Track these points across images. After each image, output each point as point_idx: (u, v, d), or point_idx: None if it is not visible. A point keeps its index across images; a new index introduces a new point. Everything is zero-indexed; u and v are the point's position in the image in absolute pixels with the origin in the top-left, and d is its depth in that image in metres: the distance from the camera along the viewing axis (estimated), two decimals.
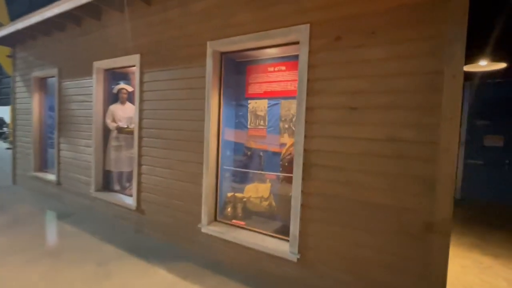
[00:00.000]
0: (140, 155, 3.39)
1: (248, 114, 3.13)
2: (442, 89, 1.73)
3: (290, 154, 2.57)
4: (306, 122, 2.20)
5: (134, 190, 3.44)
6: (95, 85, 3.92)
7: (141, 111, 3.36)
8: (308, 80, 2.19)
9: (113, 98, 4.10)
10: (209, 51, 2.74)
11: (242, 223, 2.83)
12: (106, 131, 4.03)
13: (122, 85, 4.09)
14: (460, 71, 1.68)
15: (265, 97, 3.01)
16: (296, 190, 2.26)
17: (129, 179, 4.06)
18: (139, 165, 3.40)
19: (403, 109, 1.85)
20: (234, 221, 2.88)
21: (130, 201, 3.55)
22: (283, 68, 2.88)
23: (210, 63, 2.74)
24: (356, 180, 2.02)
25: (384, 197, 1.92)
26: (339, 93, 2.07)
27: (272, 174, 2.99)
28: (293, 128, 2.76)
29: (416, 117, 1.81)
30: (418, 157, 1.81)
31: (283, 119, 2.92)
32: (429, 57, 1.77)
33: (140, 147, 3.38)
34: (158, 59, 3.17)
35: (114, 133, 3.99)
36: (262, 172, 3.03)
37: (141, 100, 3.36)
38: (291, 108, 2.85)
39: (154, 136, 3.25)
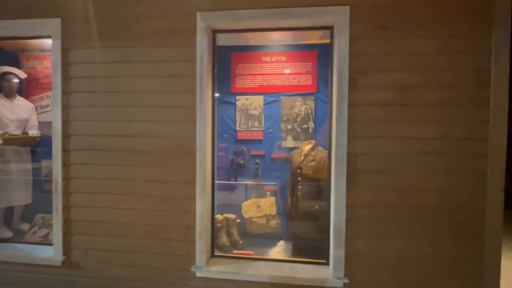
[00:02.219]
0: (65, 179, 2.15)
1: (237, 113, 2.50)
2: (489, 86, 1.78)
3: (313, 160, 2.17)
4: (349, 121, 1.87)
5: (55, 234, 2.16)
6: None
7: (65, 108, 2.13)
8: (350, 72, 1.86)
9: None
10: (200, 25, 1.98)
11: (249, 252, 2.20)
12: None
13: (6, 67, 2.54)
14: (506, 69, 1.76)
15: (260, 92, 2.48)
16: (338, 203, 1.89)
17: (32, 217, 2.57)
18: (65, 194, 2.15)
19: (454, 106, 1.81)
20: (235, 251, 2.21)
21: (48, 252, 2.21)
22: (283, 58, 2.44)
23: (203, 43, 1.99)
24: (407, 183, 1.85)
25: (439, 198, 1.83)
26: (386, 88, 1.85)
27: (272, 185, 2.49)
28: (298, 130, 2.38)
29: (467, 114, 1.80)
30: (470, 154, 1.80)
31: (284, 119, 2.47)
32: (478, 55, 1.78)
33: (65, 165, 2.14)
34: (102, 30, 2.08)
35: None
36: (263, 183, 2.48)
37: (66, 92, 2.13)
38: (294, 106, 2.44)
39: (95, 148, 2.12)
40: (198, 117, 2.00)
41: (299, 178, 2.21)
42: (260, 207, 2.37)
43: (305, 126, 2.43)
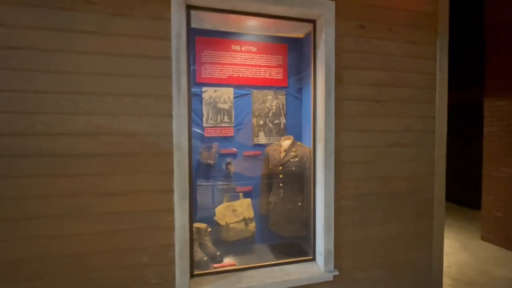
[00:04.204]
0: None
1: (204, 106, 2.18)
2: (435, 88, 2.14)
3: (296, 156, 2.09)
4: (336, 115, 1.90)
5: None
6: None
7: None
8: (336, 67, 1.89)
9: None
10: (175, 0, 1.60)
11: (231, 263, 1.95)
12: None
13: None
14: (446, 75, 2.15)
15: (229, 84, 2.23)
16: (328, 196, 1.89)
17: None
18: None
19: (415, 103, 2.09)
20: (215, 265, 1.92)
21: None
22: (254, 48, 2.27)
23: (181, 18, 1.62)
24: (384, 172, 2.03)
25: (406, 184, 2.09)
26: (365, 84, 1.97)
27: (244, 187, 2.29)
28: (270, 125, 2.30)
29: (422, 110, 2.11)
30: (424, 144, 2.13)
31: (256, 114, 2.31)
32: (429, 60, 2.11)
33: None
34: None
35: None
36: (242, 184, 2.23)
37: None
38: (266, 100, 2.31)
39: (16, 152, 1.43)
40: (175, 109, 1.62)
41: (281, 176, 2.11)
42: (236, 211, 2.14)
43: (277, 121, 2.34)
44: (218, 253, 2.02)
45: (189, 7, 1.69)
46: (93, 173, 1.54)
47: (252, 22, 2.15)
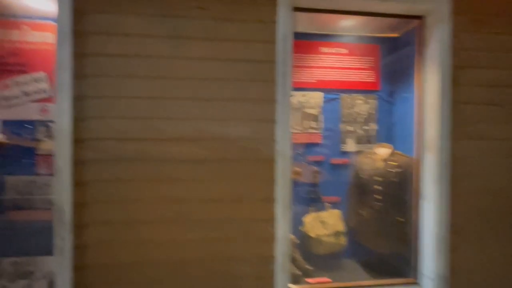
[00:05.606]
0: (77, 204, 1.43)
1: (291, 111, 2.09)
2: None
3: (398, 166, 1.90)
4: (452, 121, 1.67)
5: None
6: None
7: (77, 100, 1.43)
8: (453, 66, 1.67)
9: None
10: (282, 0, 1.54)
11: (325, 280, 1.81)
12: None
13: None
14: None
15: (319, 88, 2.12)
16: (439, 213, 1.66)
17: None
18: (77, 227, 1.43)
19: None
20: (309, 280, 1.80)
21: None
22: (344, 51, 2.14)
23: (287, 20, 1.55)
24: (506, 187, 1.74)
25: None
26: (485, 85, 1.72)
27: (331, 197, 2.14)
28: (360, 132, 2.12)
29: None
30: None
31: (344, 119, 2.16)
32: None
33: (77, 185, 1.43)
34: None
35: None
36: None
37: (79, 76, 1.43)
38: (355, 105, 2.16)
39: (124, 157, 1.47)
40: (279, 114, 1.55)
41: (377, 187, 1.92)
42: (326, 223, 2.00)
43: (367, 127, 2.17)
44: (308, 266, 1.89)
45: (295, 9, 1.62)
46: (196, 179, 1.52)
47: (344, 23, 2.03)
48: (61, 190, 1.41)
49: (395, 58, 2.14)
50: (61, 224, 1.41)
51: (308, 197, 2.09)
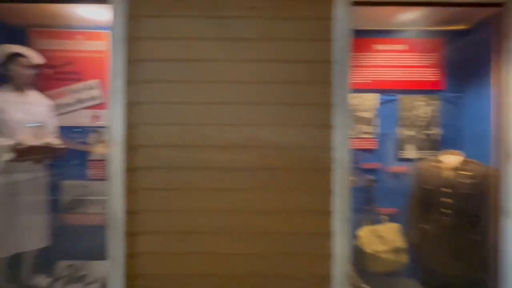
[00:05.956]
0: (130, 212, 1.41)
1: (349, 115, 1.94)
2: None
3: (473, 176, 1.66)
4: None
5: None
6: None
7: (130, 106, 1.42)
8: None
9: None
10: None
11: None
12: None
13: (17, 47, 1.73)
14: None
15: (374, 89, 1.95)
16: None
17: (50, 266, 1.75)
18: (129, 234, 1.41)
19: None
20: None
21: None
22: (403, 47, 1.94)
23: (344, 16, 1.42)
24: None
25: None
26: None
27: (388, 209, 1.94)
28: (421, 136, 1.89)
29: None
30: None
31: (403, 123, 1.96)
32: None
33: (130, 192, 1.41)
34: None
35: None
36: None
37: (132, 82, 1.42)
38: (415, 107, 1.95)
39: (176, 164, 1.43)
40: (337, 118, 1.41)
41: (445, 199, 1.69)
42: (383, 237, 1.81)
43: (429, 132, 1.94)
44: (364, 285, 1.72)
45: (354, 4, 1.47)
46: (246, 188, 1.44)
47: (403, 16, 1.83)
48: (114, 197, 1.40)
49: (463, 53, 1.89)
50: (114, 231, 1.40)
51: (362, 209, 1.92)
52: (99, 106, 1.94)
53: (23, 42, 1.87)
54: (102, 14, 1.81)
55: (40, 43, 1.90)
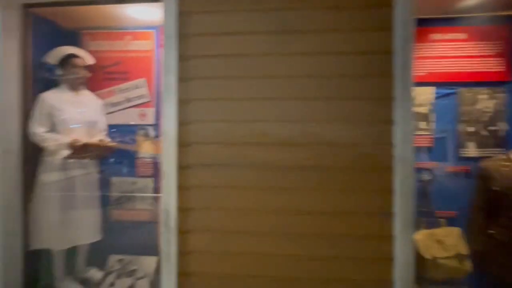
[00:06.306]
0: (182, 209, 1.41)
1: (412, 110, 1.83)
2: None
3: None
4: None
5: None
6: None
7: (182, 104, 1.41)
8: None
9: (46, 78, 1.75)
10: None
11: None
12: (35, 155, 1.64)
13: (72, 48, 1.80)
14: None
15: (429, 82, 1.81)
16: None
17: (101, 260, 1.81)
18: (181, 232, 1.41)
19: None
20: None
21: None
22: (463, 36, 1.79)
23: (407, 2, 1.32)
24: None
25: None
26: None
27: (446, 211, 1.80)
28: (485, 133, 1.72)
29: None
30: None
31: (463, 118, 1.80)
32: None
33: (181, 189, 1.41)
34: None
35: (56, 160, 1.67)
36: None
37: (183, 79, 1.41)
38: (478, 100, 1.78)
39: (227, 162, 1.40)
40: (399, 113, 1.31)
41: None
42: (443, 242, 1.67)
43: (494, 128, 1.77)
44: None
45: None
46: (301, 188, 1.38)
47: (464, 2, 1.68)
48: (167, 194, 1.40)
49: None
50: (167, 228, 1.40)
51: (418, 211, 1.78)
52: (146, 104, 1.97)
53: (75, 44, 1.95)
54: (149, 14, 1.84)
55: (91, 45, 1.98)
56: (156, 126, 1.95)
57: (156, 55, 1.95)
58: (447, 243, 1.67)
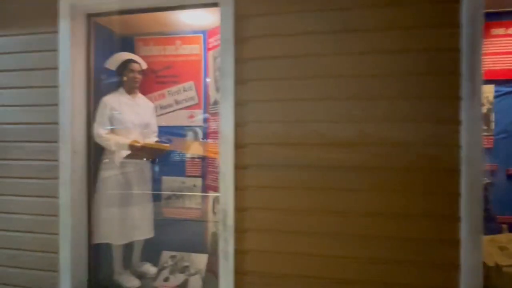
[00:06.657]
0: (239, 209, 1.44)
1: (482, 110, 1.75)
2: None
3: None
4: None
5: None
6: (66, 49, 1.61)
7: (239, 106, 1.44)
8: None
9: (106, 82, 1.86)
10: None
11: None
12: (98, 154, 1.75)
13: (129, 54, 1.91)
14: None
15: (488, 80, 1.72)
16: None
17: (153, 255, 1.89)
18: (238, 231, 1.44)
19: None
20: None
21: None
22: None
23: None
24: None
25: None
26: None
27: (508, 216, 1.70)
28: None
29: None
30: None
31: None
32: None
33: (238, 189, 1.44)
34: None
35: (115, 159, 1.77)
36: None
37: (240, 82, 1.44)
38: None
39: (284, 162, 1.41)
40: (466, 113, 1.26)
41: None
42: (506, 249, 1.58)
43: None
44: None
45: None
46: (360, 189, 1.36)
47: None
48: (225, 194, 1.44)
49: None
50: (225, 227, 1.44)
51: None
52: (195, 106, 2.04)
53: (129, 49, 2.05)
54: (198, 18, 1.90)
55: (144, 50, 2.07)
56: (204, 127, 2.01)
57: (204, 59, 2.01)
58: (510, 250, 1.58)
